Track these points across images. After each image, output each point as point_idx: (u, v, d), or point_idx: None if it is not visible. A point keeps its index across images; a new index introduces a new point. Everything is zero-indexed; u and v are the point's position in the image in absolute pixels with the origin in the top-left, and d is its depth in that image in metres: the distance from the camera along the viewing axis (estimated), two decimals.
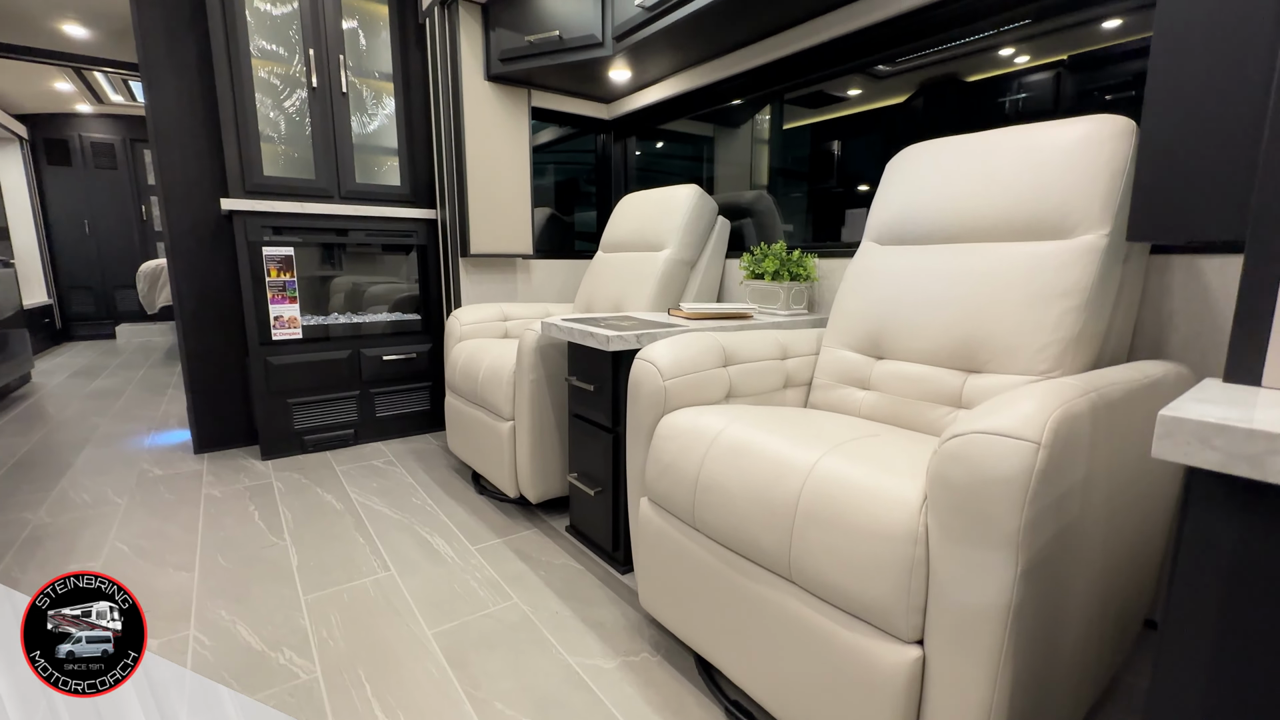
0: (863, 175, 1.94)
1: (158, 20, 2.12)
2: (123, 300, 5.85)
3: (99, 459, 2.27)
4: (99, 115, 5.54)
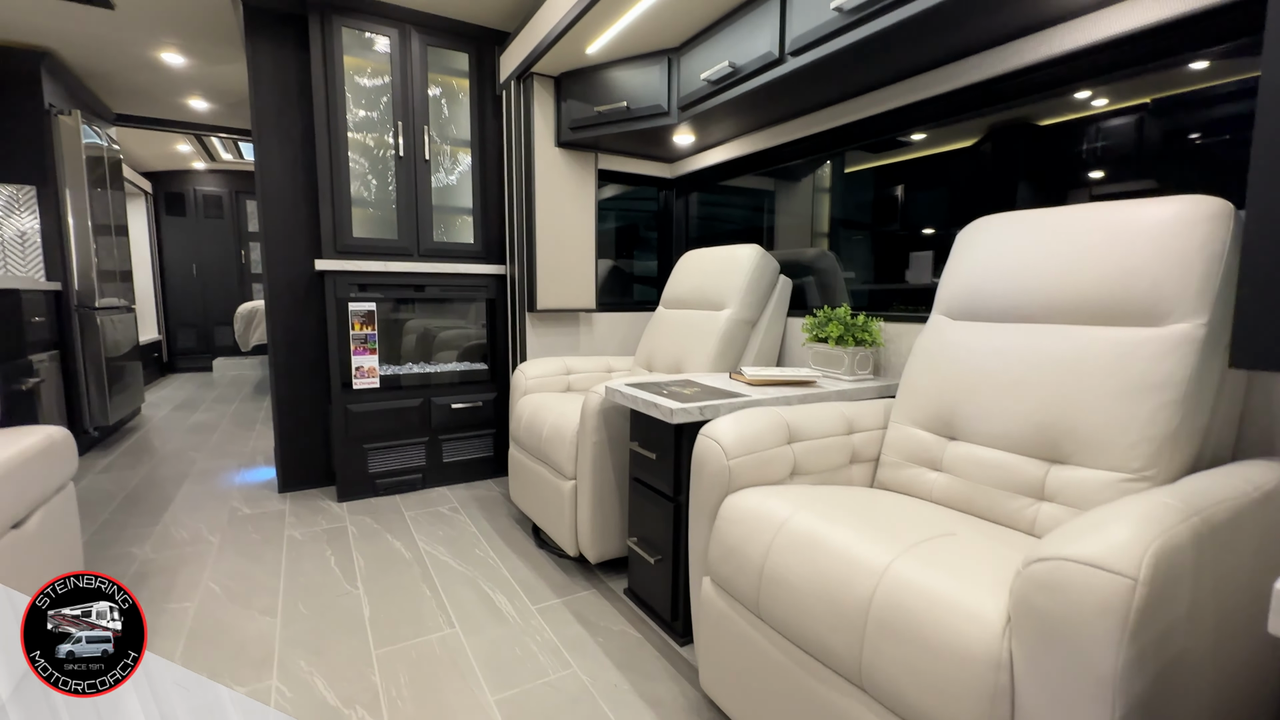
0: (928, 219, 1.91)
1: (270, 100, 2.37)
2: (220, 336, 6.39)
3: (196, 495, 2.47)
4: (210, 170, 6.17)
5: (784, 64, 1.58)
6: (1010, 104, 1.56)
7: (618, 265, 3.02)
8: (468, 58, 2.55)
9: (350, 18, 2.30)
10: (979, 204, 1.72)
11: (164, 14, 2.52)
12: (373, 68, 2.44)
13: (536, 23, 2.07)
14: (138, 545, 1.98)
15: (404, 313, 2.60)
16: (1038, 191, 1.61)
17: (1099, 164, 1.48)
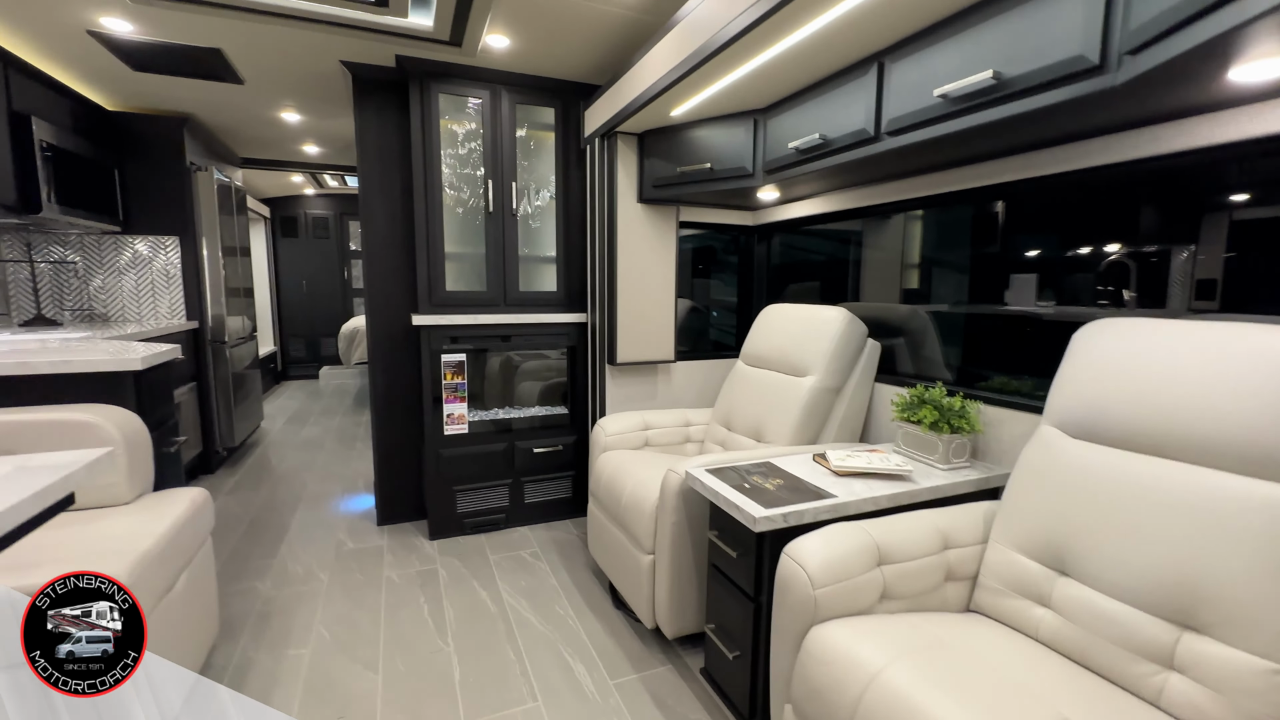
0: (1030, 239, 1.78)
1: (374, 163, 2.54)
2: (325, 346, 6.94)
3: (308, 524, 2.70)
4: (318, 195, 6.70)
5: (879, 142, 1.51)
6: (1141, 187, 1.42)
7: (696, 307, 3.01)
8: (554, 112, 2.62)
9: (446, 83, 2.42)
10: (1093, 228, 1.59)
11: (285, 84, 2.76)
12: (465, 128, 2.56)
13: (623, 86, 2.09)
14: (260, 579, 2.20)
15: (491, 358, 2.72)
16: (1166, 218, 1.46)
17: (1242, 185, 1.33)
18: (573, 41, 2.22)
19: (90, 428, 1.53)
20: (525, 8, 1.95)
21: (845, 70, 1.59)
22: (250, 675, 1.65)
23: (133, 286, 3.26)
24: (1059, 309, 1.70)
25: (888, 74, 1.46)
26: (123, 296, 3.25)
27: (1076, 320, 1.35)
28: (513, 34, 2.15)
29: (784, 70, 1.63)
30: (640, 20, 2.06)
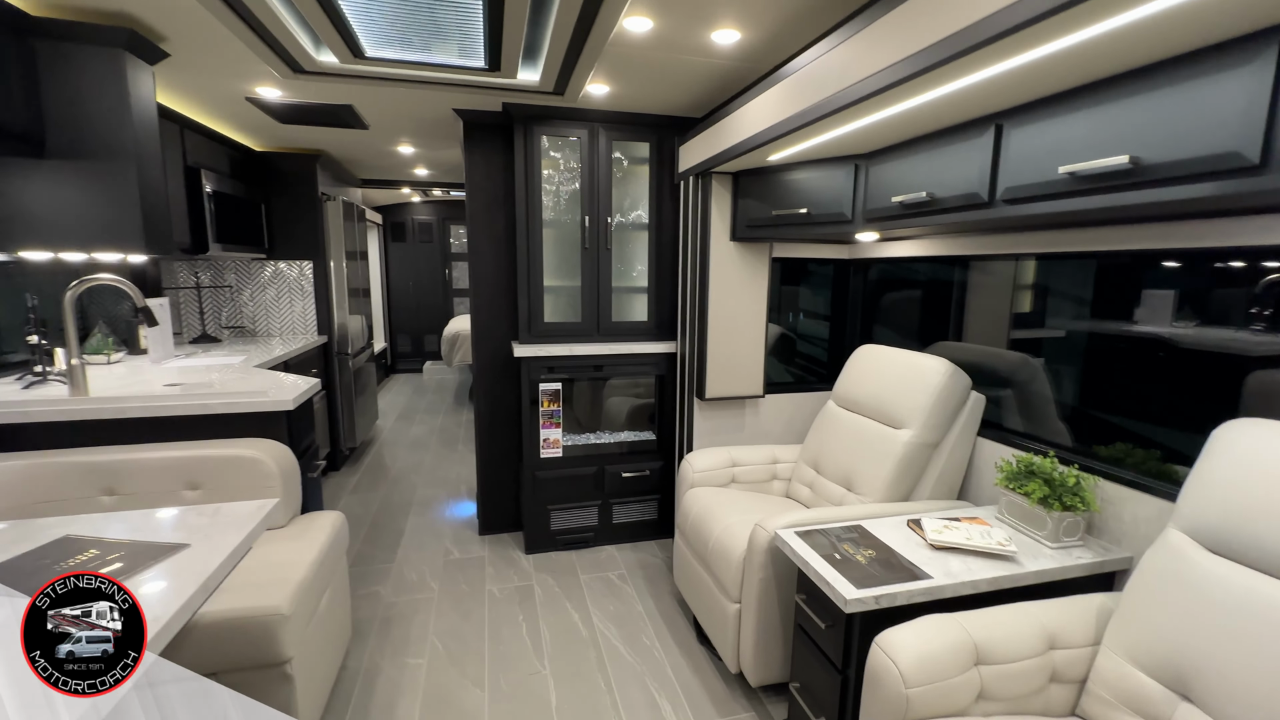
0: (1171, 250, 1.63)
1: (481, 202, 2.72)
2: (428, 343, 7.48)
3: (419, 529, 2.98)
4: (424, 203, 7.17)
5: (992, 208, 1.44)
6: None
7: (787, 333, 2.98)
8: (649, 146, 2.67)
9: (547, 124, 2.53)
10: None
11: (402, 126, 3.00)
12: (564, 166, 2.67)
13: (721, 130, 2.10)
14: (382, 584, 2.47)
15: (584, 384, 2.85)
16: None
17: None
18: (669, 86, 2.25)
19: (255, 462, 1.79)
20: (625, 62, 2.00)
21: (959, 128, 1.52)
22: (378, 682, 1.88)
23: (274, 303, 3.69)
24: (1199, 331, 1.54)
25: (1006, 138, 1.39)
26: (267, 312, 3.68)
27: (1222, 349, 1.21)
28: (612, 82, 2.22)
29: (893, 123, 1.59)
30: (738, 68, 2.06)
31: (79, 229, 1.78)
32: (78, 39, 1.68)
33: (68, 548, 1.13)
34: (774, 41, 1.86)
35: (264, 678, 1.44)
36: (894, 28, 1.23)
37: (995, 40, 1.00)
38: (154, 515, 1.29)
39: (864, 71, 1.32)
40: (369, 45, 1.83)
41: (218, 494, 1.75)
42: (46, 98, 1.68)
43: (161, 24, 1.73)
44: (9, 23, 1.57)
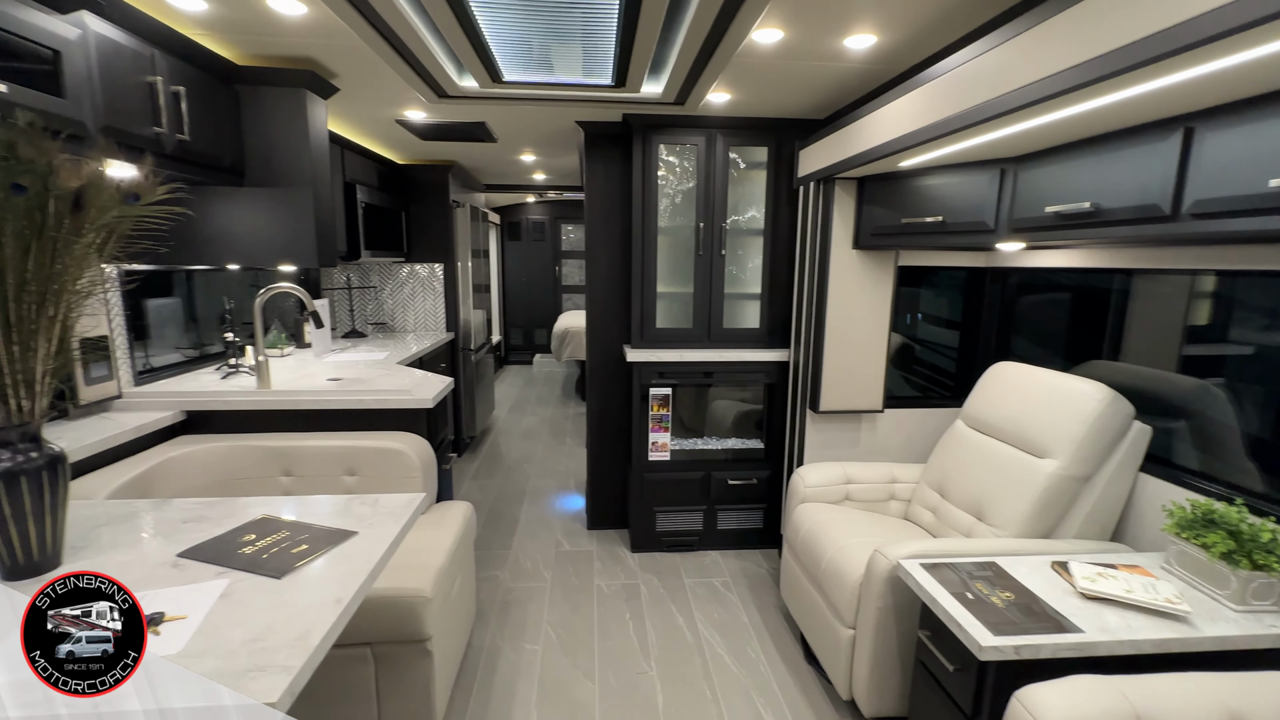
0: None
1: (599, 211, 2.81)
2: (538, 336, 7.86)
3: (532, 519, 3.16)
4: (538, 203, 7.52)
5: (1176, 223, 1.27)
6: None
7: (909, 342, 2.82)
8: (767, 150, 2.63)
9: (665, 133, 2.57)
10: None
11: (527, 138, 3.18)
12: (680, 174, 2.69)
13: (848, 135, 2.02)
14: (500, 569, 2.65)
15: (693, 389, 2.87)
16: None
17: None
18: (791, 91, 2.20)
19: (400, 454, 1.99)
20: (749, 70, 1.98)
21: (1134, 130, 1.35)
22: (499, 663, 2.03)
23: (409, 300, 4.05)
24: None
25: (1198, 143, 1.22)
26: (403, 308, 4.06)
27: None
28: (733, 89, 2.20)
29: (1054, 127, 1.44)
30: (869, 71, 1.96)
31: (267, 245, 2.07)
32: (270, 82, 1.94)
33: (266, 526, 1.32)
34: (912, 43, 1.75)
35: (408, 652, 1.61)
36: (1071, 28, 1.12)
37: (1210, 42, 0.88)
38: (326, 502, 1.47)
39: (1029, 76, 1.22)
40: (506, 70, 1.95)
41: (370, 480, 1.97)
42: (246, 134, 1.96)
43: (334, 64, 1.96)
44: (221, 72, 1.85)
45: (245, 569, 1.14)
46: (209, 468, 1.90)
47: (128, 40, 1.46)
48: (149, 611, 0.99)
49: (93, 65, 1.31)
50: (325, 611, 1.00)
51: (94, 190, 1.03)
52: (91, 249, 1.08)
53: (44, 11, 1.18)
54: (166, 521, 1.34)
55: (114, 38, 1.41)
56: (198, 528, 1.31)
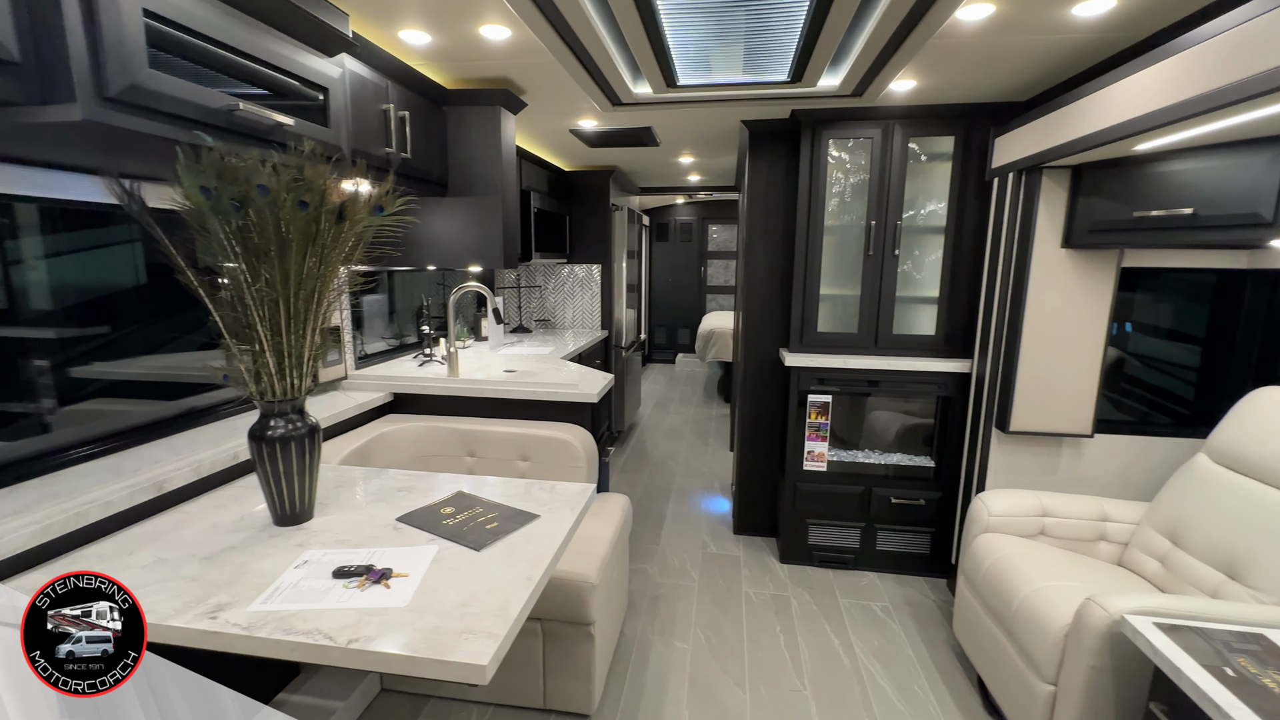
0: None
1: (759, 209, 2.75)
2: (680, 336, 7.96)
3: (678, 517, 3.20)
4: (686, 204, 7.60)
5: None
6: None
7: (1125, 355, 2.40)
8: (953, 140, 2.39)
9: (836, 127, 2.44)
10: None
11: (688, 140, 3.20)
12: (850, 169, 2.54)
13: (1066, 116, 1.75)
14: (648, 563, 2.71)
15: (855, 398, 2.70)
16: None
17: None
18: (990, 72, 1.97)
19: (567, 444, 2.11)
20: (944, 53, 1.80)
21: None
22: (650, 656, 2.08)
23: (568, 299, 4.30)
24: None
25: None
26: (562, 306, 4.32)
27: None
28: (921, 76, 2.03)
29: None
30: (1098, 41, 1.69)
31: (462, 248, 2.31)
32: (471, 102, 2.16)
33: (463, 501, 1.47)
34: (1161, 5, 1.47)
35: (574, 633, 1.70)
36: None
37: None
38: (509, 484, 1.60)
39: None
40: (682, 74, 1.98)
41: (540, 466, 2.12)
42: (450, 149, 2.21)
43: (524, 81, 2.12)
44: (434, 96, 2.10)
45: (450, 538, 1.28)
46: (410, 444, 2.16)
47: (370, 75, 1.71)
48: (380, 567, 1.15)
49: (347, 98, 1.55)
50: (519, 587, 1.08)
51: (352, 205, 1.22)
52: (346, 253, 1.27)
53: (317, 55, 1.41)
54: (385, 489, 1.55)
55: (361, 73, 1.66)
56: (409, 496, 1.49)
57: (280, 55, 1.30)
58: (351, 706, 1.75)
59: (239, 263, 1.15)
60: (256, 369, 1.24)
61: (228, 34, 1.16)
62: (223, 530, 1.30)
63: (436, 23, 1.63)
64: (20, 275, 1.45)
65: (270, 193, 1.07)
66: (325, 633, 0.94)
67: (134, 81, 0.97)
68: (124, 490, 1.30)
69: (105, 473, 1.37)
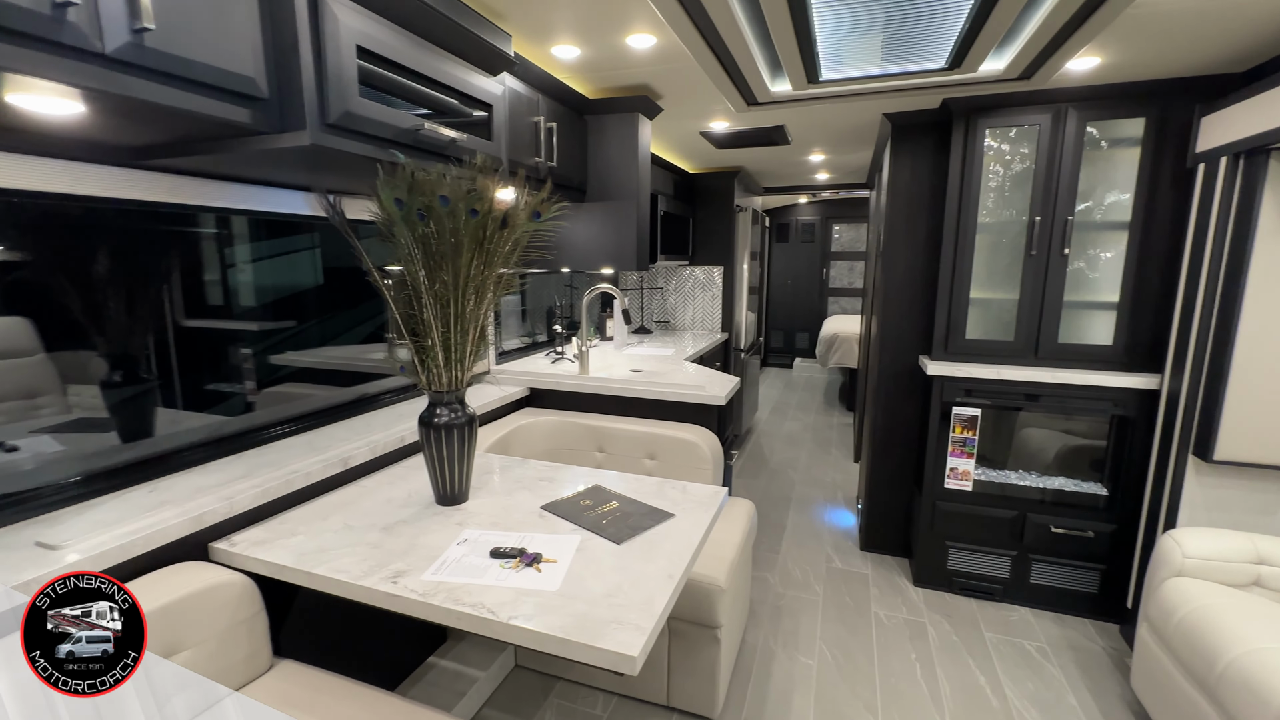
0: None
1: (901, 206, 2.57)
2: (798, 340, 7.69)
3: (799, 527, 3.09)
4: (809, 203, 7.33)
5: None
6: None
7: None
8: (1144, 122, 2.08)
9: (995, 115, 2.22)
10: None
11: (821, 136, 3.08)
12: (1010, 160, 2.30)
13: None
14: (770, 571, 2.65)
15: (1008, 414, 2.45)
16: None
17: None
18: (1201, 38, 1.68)
19: (694, 446, 2.12)
20: (1142, 22, 1.58)
21: None
22: (773, 667, 2.02)
23: (687, 300, 4.32)
24: None
25: None
26: (681, 307, 4.35)
27: None
28: (1107, 51, 1.79)
29: None
30: None
31: (597, 251, 2.40)
32: (611, 110, 2.24)
33: (599, 495, 1.52)
34: None
35: (701, 635, 1.70)
36: None
37: None
38: (641, 481, 1.63)
39: None
40: (826, 69, 1.91)
41: (666, 466, 2.14)
42: (590, 156, 2.30)
43: (662, 86, 2.16)
44: (577, 106, 2.20)
45: (591, 529, 1.33)
46: (545, 437, 2.29)
47: (524, 90, 1.83)
48: (532, 551, 1.23)
49: (506, 113, 1.67)
50: (662, 584, 1.10)
51: (514, 212, 1.31)
52: (504, 256, 1.37)
53: (484, 75, 1.54)
54: (527, 478, 1.64)
55: (518, 89, 1.78)
56: (549, 486, 1.58)
57: (455, 76, 1.43)
58: (491, 677, 1.88)
59: (419, 267, 1.28)
60: (426, 361, 1.38)
61: (415, 60, 1.30)
62: (395, 504, 1.45)
63: (587, 36, 1.70)
64: (233, 277, 1.73)
65: (450, 202, 1.18)
66: (488, 607, 1.02)
67: (348, 109, 1.11)
68: (319, 464, 1.50)
69: (303, 448, 1.59)
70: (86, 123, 0.98)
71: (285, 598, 1.32)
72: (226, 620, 1.16)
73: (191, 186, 1.35)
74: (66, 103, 0.88)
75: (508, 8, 1.51)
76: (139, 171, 1.23)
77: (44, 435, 1.30)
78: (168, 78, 0.87)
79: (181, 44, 0.87)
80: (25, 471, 1.22)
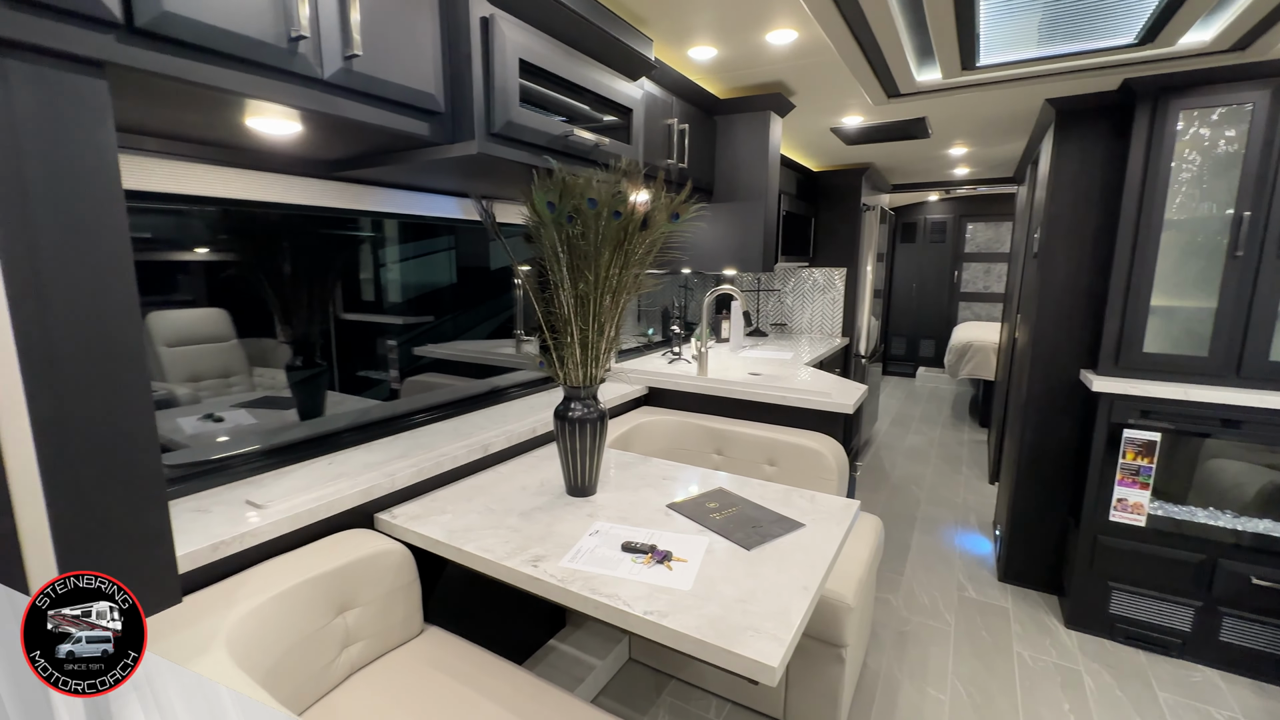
0: None
1: (1065, 199, 2.30)
2: (923, 347, 7.15)
3: (925, 549, 2.87)
4: (940, 201, 6.80)
5: None
6: None
7: None
8: None
9: (1191, 95, 1.92)
10: None
11: (967, 128, 2.83)
12: (1208, 147, 1.98)
13: None
14: (893, 593, 2.48)
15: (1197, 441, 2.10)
16: None
17: None
18: None
19: (818, 454, 2.04)
20: None
21: None
22: (899, 698, 1.89)
23: (805, 303, 4.17)
24: None
25: None
26: (799, 309, 4.20)
27: None
28: None
29: None
30: None
31: (721, 252, 2.38)
32: (742, 109, 2.21)
33: (724, 498, 1.50)
34: None
35: (824, 652, 1.63)
36: None
37: None
38: (766, 487, 1.59)
39: None
40: (985, 53, 1.75)
41: (786, 473, 2.08)
42: (718, 156, 2.29)
43: (796, 82, 2.10)
44: (707, 107, 2.20)
45: (719, 532, 1.31)
46: (664, 436, 2.31)
47: (659, 93, 1.86)
48: (662, 548, 1.24)
49: (642, 116, 1.70)
50: (797, 596, 1.06)
51: (655, 213, 1.33)
52: (641, 257, 1.39)
53: (625, 80, 1.58)
54: (650, 475, 1.66)
55: (654, 93, 1.81)
56: (672, 485, 1.58)
57: (600, 83, 1.48)
58: (607, 667, 1.93)
59: (563, 267, 1.34)
60: (565, 357, 1.44)
61: (566, 69, 1.36)
62: (530, 492, 1.53)
63: (725, 36, 1.69)
64: (383, 275, 1.92)
65: (598, 205, 1.22)
66: (624, 600, 1.04)
67: (510, 118, 1.19)
68: (463, 449, 1.61)
69: (450, 434, 1.72)
70: (299, 140, 1.13)
71: (435, 569, 1.43)
72: (389, 584, 1.28)
73: (371, 195, 1.51)
74: (288, 124, 1.01)
75: (650, 13, 1.54)
76: (331, 182, 1.40)
77: (240, 410, 1.52)
78: (368, 98, 0.98)
79: (381, 67, 0.98)
80: (230, 440, 1.43)
